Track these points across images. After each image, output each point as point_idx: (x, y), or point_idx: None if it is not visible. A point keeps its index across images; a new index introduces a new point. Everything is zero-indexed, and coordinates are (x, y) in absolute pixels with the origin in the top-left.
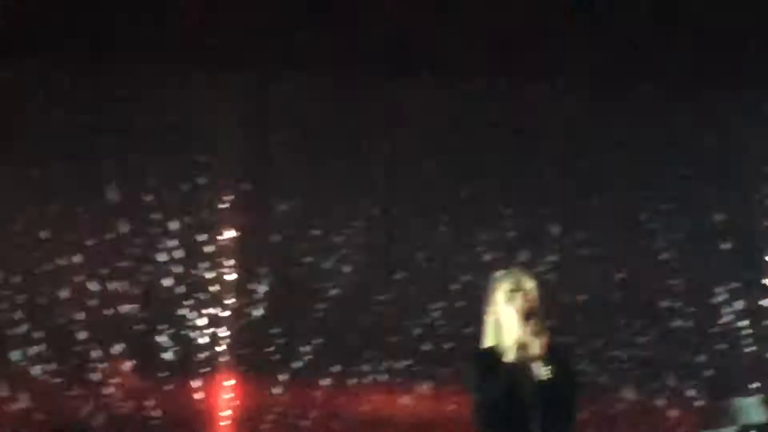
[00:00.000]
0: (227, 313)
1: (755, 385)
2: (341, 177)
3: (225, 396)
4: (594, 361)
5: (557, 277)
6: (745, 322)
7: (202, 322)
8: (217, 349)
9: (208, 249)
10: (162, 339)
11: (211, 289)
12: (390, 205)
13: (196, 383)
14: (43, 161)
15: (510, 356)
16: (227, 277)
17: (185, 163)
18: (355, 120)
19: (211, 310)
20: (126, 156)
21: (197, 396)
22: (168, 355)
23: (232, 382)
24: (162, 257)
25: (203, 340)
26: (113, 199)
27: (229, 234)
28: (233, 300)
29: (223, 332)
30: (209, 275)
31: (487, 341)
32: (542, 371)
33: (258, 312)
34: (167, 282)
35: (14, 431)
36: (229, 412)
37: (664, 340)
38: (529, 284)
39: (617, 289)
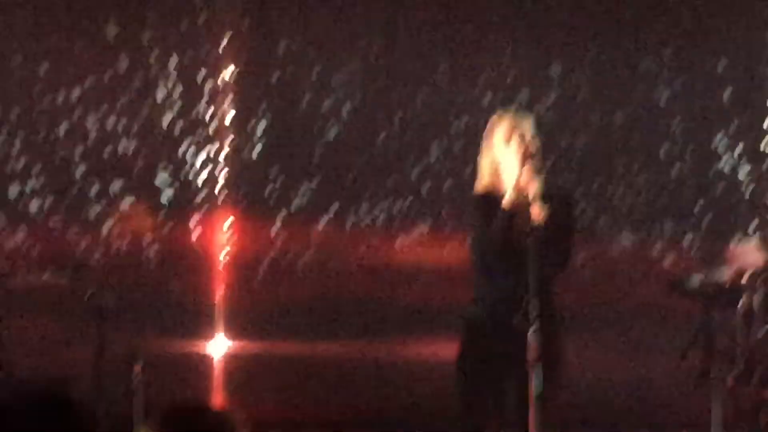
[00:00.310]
0: (226, 151)
1: (752, 228)
2: (341, 16)
3: (223, 235)
4: (592, 203)
5: (557, 118)
6: (746, 167)
7: (201, 159)
8: (216, 187)
9: (208, 86)
10: (160, 177)
11: (210, 126)
12: (390, 45)
13: (194, 221)
14: None
15: (507, 198)
16: (226, 115)
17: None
18: None
19: (210, 148)
20: None
21: (195, 234)
22: (166, 193)
23: (230, 220)
24: (161, 94)
25: (202, 179)
26: (113, 34)
27: (229, 71)
28: (232, 138)
29: (221, 170)
30: (208, 113)
31: (486, 182)
32: (539, 213)
33: (256, 151)
34: (166, 119)
35: (11, 265)
36: (226, 251)
37: (662, 184)
38: (528, 126)
39: (616, 131)
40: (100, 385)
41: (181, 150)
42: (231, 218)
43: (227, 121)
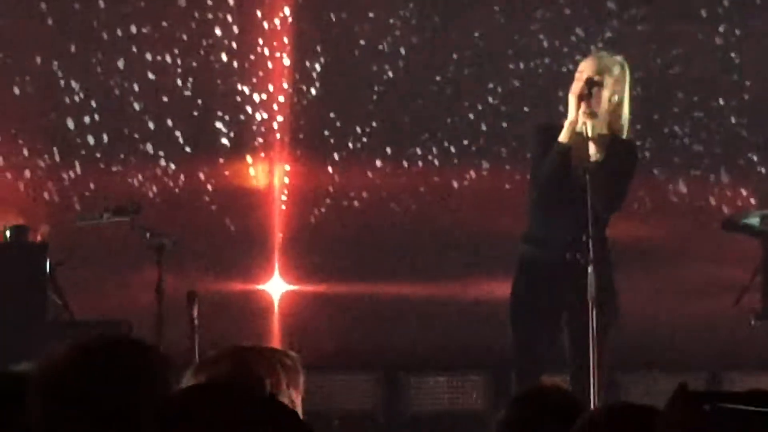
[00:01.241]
0: (283, 91)
1: None
2: None
3: (279, 174)
4: (649, 141)
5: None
6: None
7: (258, 98)
8: (273, 125)
9: (265, 24)
10: (217, 114)
11: (268, 65)
12: None
13: (250, 160)
14: None
15: (563, 135)
16: (284, 54)
17: None
18: None
19: (268, 86)
20: None
21: (251, 173)
22: (223, 131)
23: (287, 160)
24: (218, 31)
25: (258, 117)
26: None
27: (286, 10)
28: (289, 78)
29: (278, 110)
30: (266, 51)
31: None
32: (595, 152)
33: (313, 91)
34: (224, 56)
35: (68, 197)
36: (283, 191)
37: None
38: (593, 67)
39: (674, 65)
40: (161, 325)
41: (238, 87)
42: (287, 157)
43: (285, 61)
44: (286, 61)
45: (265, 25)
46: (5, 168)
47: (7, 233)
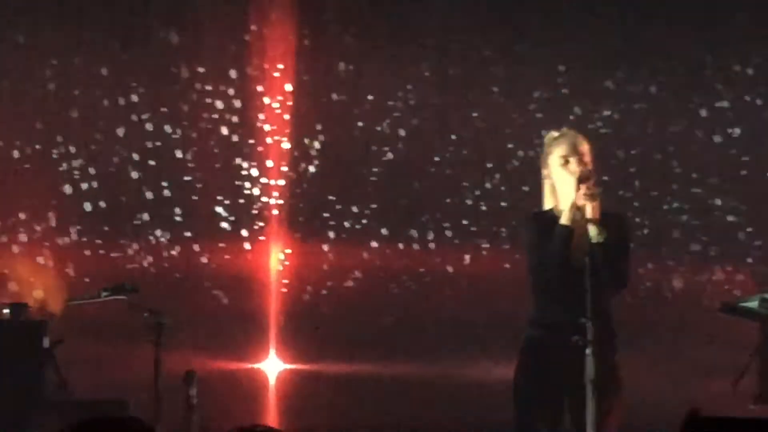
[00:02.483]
0: (281, 167)
1: None
2: (395, 40)
3: (276, 253)
4: (648, 220)
5: (612, 132)
6: None
7: (255, 172)
8: (270, 203)
9: (265, 100)
10: (214, 191)
11: (267, 140)
12: (444, 67)
13: (247, 239)
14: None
15: (565, 219)
16: (283, 130)
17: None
18: None
19: (266, 162)
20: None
21: (248, 252)
22: (220, 210)
23: (284, 239)
24: (219, 105)
25: (256, 193)
26: (174, 42)
27: (287, 87)
28: (287, 153)
29: (275, 185)
30: (265, 127)
31: (545, 203)
32: (596, 234)
33: (312, 168)
34: (224, 130)
35: (61, 261)
36: (276, 265)
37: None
38: (585, 147)
39: (670, 143)
40: (159, 404)
41: (236, 161)
42: (284, 237)
43: (284, 138)
44: (285, 138)
45: (266, 100)
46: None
47: (7, 311)
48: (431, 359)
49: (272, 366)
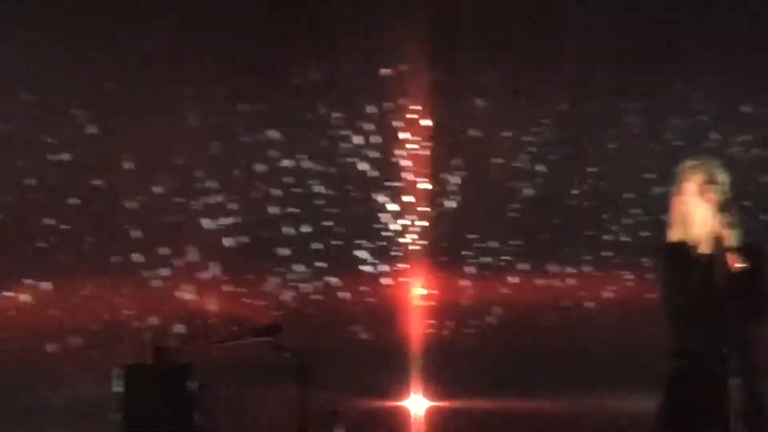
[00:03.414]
0: (419, 202)
1: None
2: (530, 76)
3: (414, 285)
4: None
5: (751, 157)
6: None
7: (394, 208)
8: (408, 237)
9: (403, 135)
10: (352, 221)
11: (404, 175)
12: (579, 100)
13: (385, 268)
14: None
15: (704, 248)
16: (421, 166)
17: (381, 48)
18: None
19: (404, 197)
20: (321, 39)
21: (386, 282)
22: (359, 241)
23: (424, 275)
24: (358, 140)
25: (394, 227)
26: (313, 79)
27: (425, 123)
28: (426, 188)
29: (414, 220)
30: (403, 162)
31: (677, 233)
32: (737, 262)
33: (451, 204)
34: (362, 166)
35: (201, 296)
36: (416, 301)
37: None
38: (722, 174)
39: None
40: None
41: (375, 196)
42: (424, 273)
43: (422, 174)
44: (424, 174)
45: (404, 136)
46: (142, 266)
47: (151, 355)
48: (576, 393)
49: (415, 404)
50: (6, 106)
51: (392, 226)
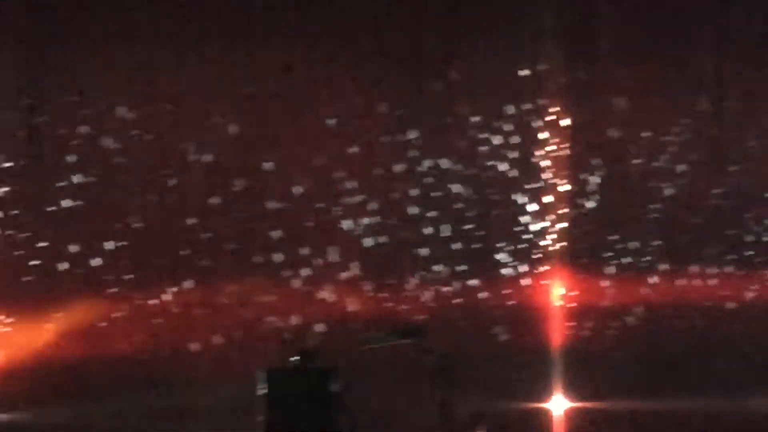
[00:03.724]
0: (559, 203)
1: None
2: (668, 74)
3: (554, 285)
4: None
5: None
6: None
7: (533, 208)
8: (548, 237)
9: (542, 135)
10: (491, 221)
11: (544, 176)
12: (719, 99)
13: (524, 268)
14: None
15: None
16: (560, 166)
17: (520, 48)
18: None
19: (544, 198)
20: (460, 40)
21: (526, 282)
22: (498, 241)
23: (563, 275)
24: (497, 141)
25: (534, 227)
26: (451, 80)
27: (564, 122)
28: (566, 189)
29: (554, 221)
30: (543, 163)
31: None
32: None
33: (590, 204)
34: (502, 166)
35: (341, 296)
36: (557, 302)
37: None
38: None
39: None
40: None
41: (515, 197)
42: (563, 274)
43: (562, 174)
44: (563, 174)
45: (544, 136)
46: (283, 266)
47: (296, 358)
48: (720, 393)
49: (557, 405)
50: (149, 110)
51: (532, 228)
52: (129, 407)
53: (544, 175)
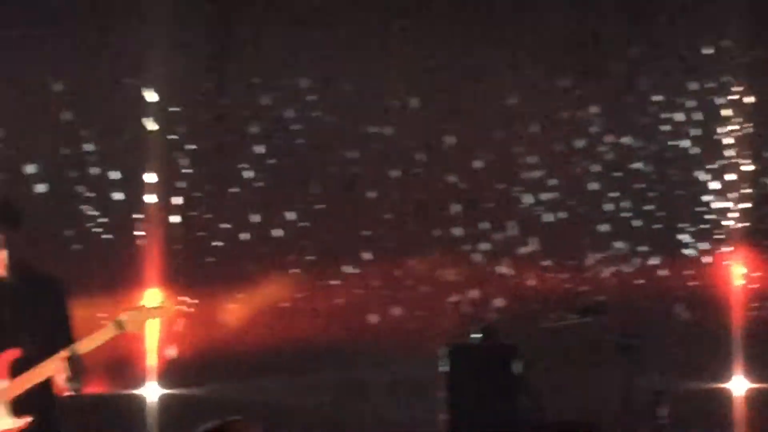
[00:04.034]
0: (741, 181)
1: None
2: None
3: (735, 265)
4: None
5: None
6: None
7: (716, 186)
8: (730, 216)
9: (725, 113)
10: (672, 198)
11: (726, 154)
12: None
13: (706, 246)
14: None
15: None
16: (743, 144)
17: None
18: None
19: (726, 176)
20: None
21: (707, 260)
22: (679, 219)
23: (744, 255)
24: (679, 117)
25: (716, 205)
26: (633, 56)
27: (748, 100)
28: (749, 168)
29: (736, 200)
30: (726, 140)
31: None
32: None
33: None
34: (684, 143)
35: (519, 273)
36: (738, 281)
37: None
38: None
39: None
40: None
41: (695, 176)
42: (746, 252)
43: (744, 153)
44: (746, 152)
45: (726, 113)
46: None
47: (477, 335)
48: None
49: (737, 385)
50: (330, 94)
51: (714, 206)
52: (314, 383)
53: (726, 153)
